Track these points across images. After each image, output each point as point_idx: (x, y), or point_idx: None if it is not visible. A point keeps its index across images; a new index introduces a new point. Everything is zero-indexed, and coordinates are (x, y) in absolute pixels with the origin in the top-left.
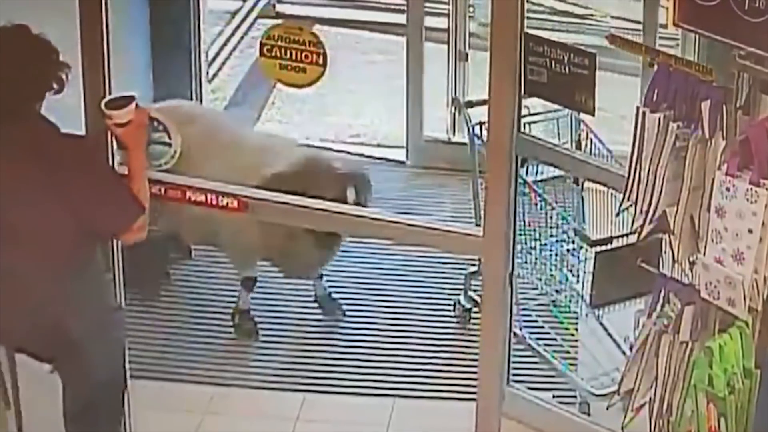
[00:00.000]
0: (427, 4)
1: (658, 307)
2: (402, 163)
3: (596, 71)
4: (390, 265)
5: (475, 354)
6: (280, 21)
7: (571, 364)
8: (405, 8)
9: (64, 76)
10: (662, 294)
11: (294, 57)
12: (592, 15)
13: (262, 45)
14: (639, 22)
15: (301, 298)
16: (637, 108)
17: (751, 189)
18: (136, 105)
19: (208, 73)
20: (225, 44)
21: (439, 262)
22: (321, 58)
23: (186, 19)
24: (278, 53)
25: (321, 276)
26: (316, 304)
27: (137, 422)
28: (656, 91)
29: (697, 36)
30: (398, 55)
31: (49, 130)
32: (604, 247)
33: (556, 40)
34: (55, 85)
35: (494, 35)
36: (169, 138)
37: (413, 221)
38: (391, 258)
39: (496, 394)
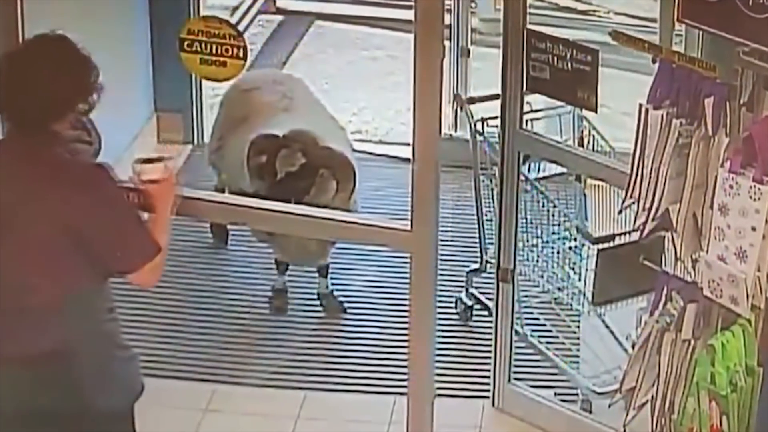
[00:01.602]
0: None
1: (661, 305)
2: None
3: (599, 68)
4: (391, 262)
5: (477, 351)
6: (202, 18)
7: (573, 362)
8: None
9: (96, 97)
10: (665, 292)
11: (214, 51)
12: (595, 11)
13: (182, 40)
14: (642, 18)
15: (302, 295)
16: (640, 105)
17: (755, 186)
18: (166, 165)
19: None
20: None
21: (440, 260)
22: (241, 51)
23: (186, 16)
24: (198, 48)
25: (326, 274)
26: (317, 302)
27: (137, 420)
28: (659, 88)
29: (701, 32)
30: (399, 52)
31: (64, 156)
32: (606, 245)
33: (558, 36)
34: (83, 106)
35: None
36: (89, 136)
37: (345, 218)
38: (391, 255)
39: (428, 390)
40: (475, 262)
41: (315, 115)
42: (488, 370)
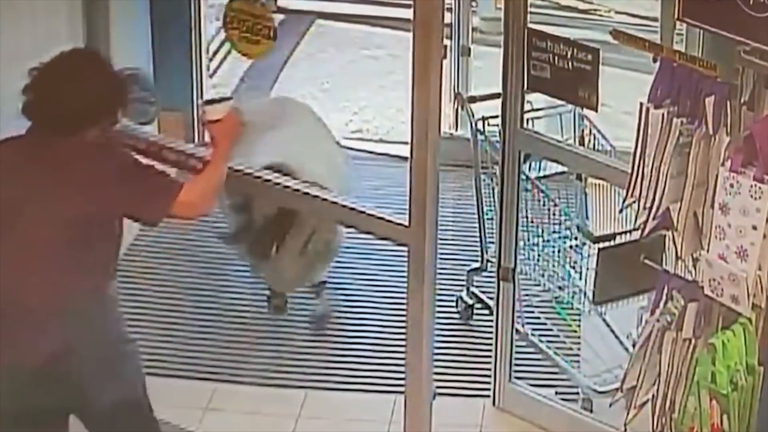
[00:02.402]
0: None
1: (661, 304)
2: None
3: (600, 67)
4: (392, 260)
5: (478, 350)
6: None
7: (573, 361)
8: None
9: (126, 109)
10: (665, 291)
11: (249, 29)
12: (595, 10)
13: (225, 16)
14: (643, 17)
15: (303, 294)
16: (641, 104)
17: (755, 185)
18: (231, 107)
19: (209, 68)
20: (226, 39)
21: (441, 258)
22: (270, 31)
23: (187, 14)
24: (239, 24)
25: (320, 293)
26: (318, 301)
27: None
28: (660, 87)
29: (701, 31)
30: (399, 50)
31: (77, 145)
32: (607, 244)
33: (559, 35)
34: (111, 118)
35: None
36: (153, 97)
37: (346, 203)
38: (393, 254)
39: (425, 389)
40: (476, 260)
41: (304, 135)
42: (489, 369)
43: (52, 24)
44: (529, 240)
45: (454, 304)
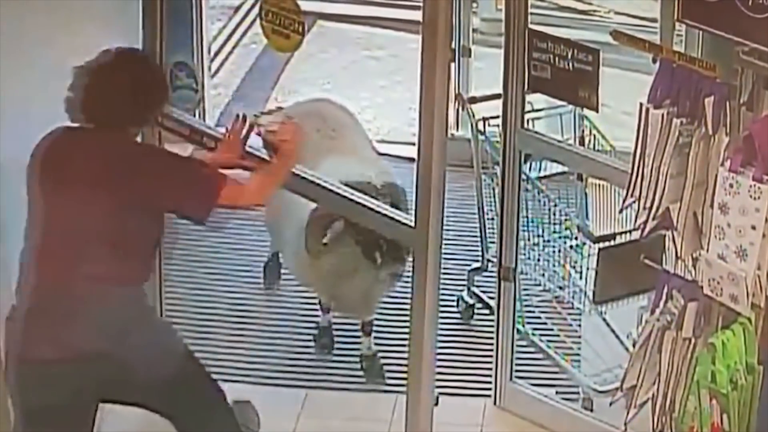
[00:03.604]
0: None
1: (661, 304)
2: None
3: (600, 67)
4: None
5: (478, 349)
6: None
7: (574, 361)
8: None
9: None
10: (665, 290)
11: (282, 23)
12: (595, 11)
13: (261, 8)
14: (642, 18)
15: (304, 293)
16: (641, 104)
17: (755, 185)
18: (285, 115)
19: (210, 68)
20: (228, 39)
21: (442, 258)
22: (300, 27)
23: (188, 15)
24: (272, 18)
25: (370, 331)
26: (320, 305)
27: (136, 419)
28: (659, 88)
29: (701, 32)
30: (400, 51)
31: (122, 142)
32: (607, 244)
33: (559, 36)
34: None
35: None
36: (197, 84)
37: (355, 198)
38: None
39: (426, 390)
40: (477, 260)
41: (359, 152)
42: (490, 369)
43: (53, 20)
44: (529, 240)
45: (455, 304)
